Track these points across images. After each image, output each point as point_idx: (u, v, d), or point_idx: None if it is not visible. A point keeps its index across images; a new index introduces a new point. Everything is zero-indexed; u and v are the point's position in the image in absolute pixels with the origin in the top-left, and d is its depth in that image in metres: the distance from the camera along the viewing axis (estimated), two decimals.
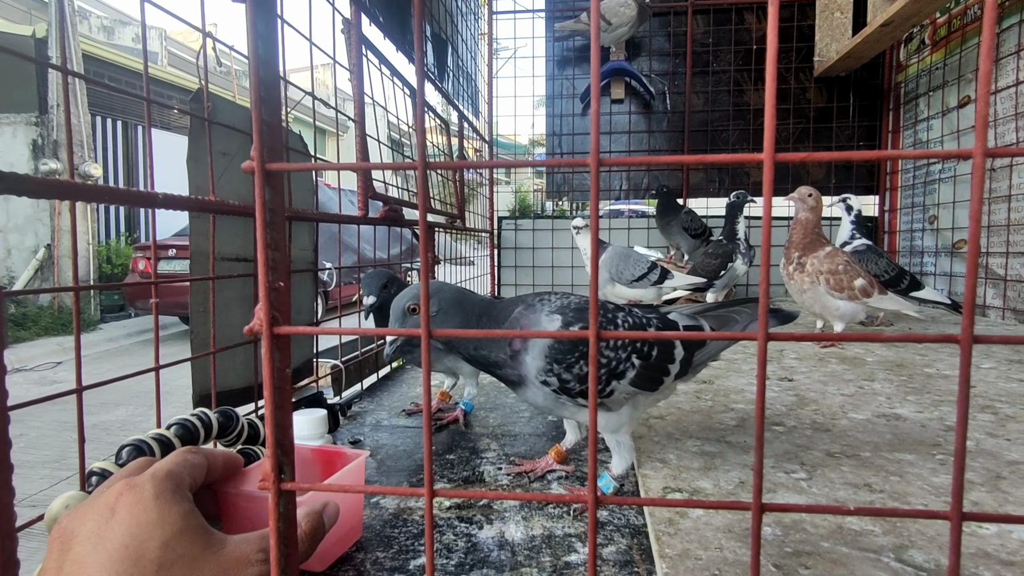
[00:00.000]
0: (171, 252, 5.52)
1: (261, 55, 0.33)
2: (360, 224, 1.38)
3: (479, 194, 3.67)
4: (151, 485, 0.40)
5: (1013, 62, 2.21)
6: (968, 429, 0.94)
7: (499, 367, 0.71)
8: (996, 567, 0.54)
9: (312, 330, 0.38)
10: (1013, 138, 2.22)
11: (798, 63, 3.16)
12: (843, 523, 0.63)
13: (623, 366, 0.70)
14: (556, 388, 0.68)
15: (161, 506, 0.39)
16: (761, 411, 0.30)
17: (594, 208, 0.31)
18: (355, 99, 1.29)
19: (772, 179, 0.30)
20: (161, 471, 0.42)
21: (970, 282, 0.29)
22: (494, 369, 0.72)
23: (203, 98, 0.82)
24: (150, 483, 0.40)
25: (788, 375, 1.35)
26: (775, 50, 0.28)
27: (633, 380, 0.71)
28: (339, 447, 0.71)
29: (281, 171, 0.35)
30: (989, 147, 0.27)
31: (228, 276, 0.89)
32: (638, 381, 0.71)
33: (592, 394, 0.31)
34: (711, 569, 0.55)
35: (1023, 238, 2.18)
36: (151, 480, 0.41)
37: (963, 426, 0.30)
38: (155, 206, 0.60)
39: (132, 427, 3.10)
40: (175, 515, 0.39)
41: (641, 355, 0.71)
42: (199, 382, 0.86)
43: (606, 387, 0.70)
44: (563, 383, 0.68)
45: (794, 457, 0.84)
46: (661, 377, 0.73)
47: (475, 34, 3.11)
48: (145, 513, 0.39)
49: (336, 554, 0.63)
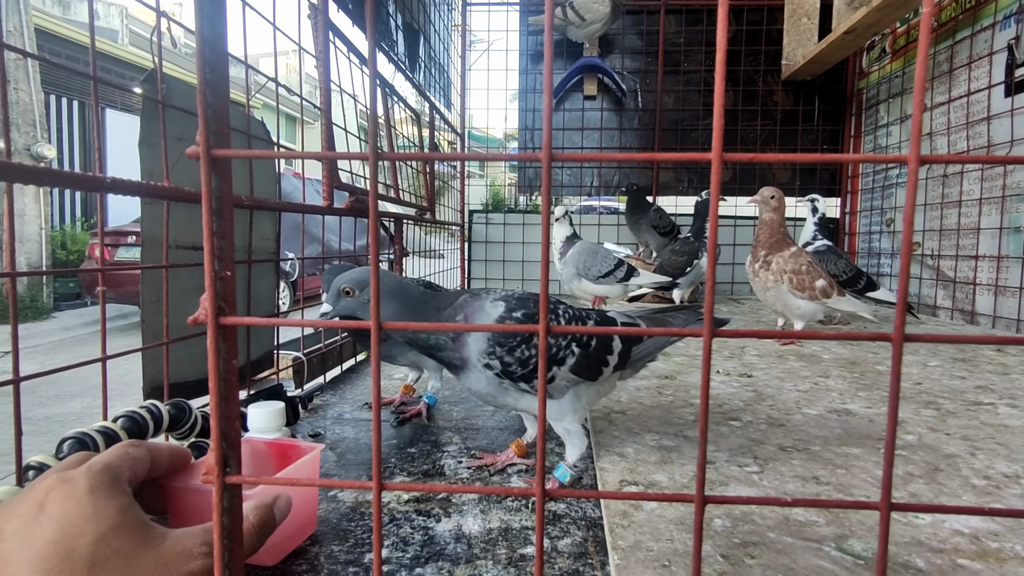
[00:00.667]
0: (130, 239, 5.33)
1: (207, 35, 0.33)
2: (325, 214, 1.36)
3: (451, 187, 3.65)
4: (85, 479, 0.39)
5: (965, 73, 2.29)
6: (912, 424, 0.98)
7: (440, 349, 0.72)
8: (927, 555, 0.57)
9: (262, 321, 0.37)
10: (964, 146, 2.31)
11: (766, 66, 3.23)
12: (789, 515, 0.65)
13: (563, 353, 0.73)
14: (498, 372, 0.70)
15: (96, 500, 0.38)
16: (705, 406, 0.31)
17: (545, 201, 0.31)
18: (321, 87, 1.26)
19: (720, 178, 0.31)
20: (97, 465, 0.41)
21: (903, 282, 0.30)
22: (435, 352, 0.73)
23: (157, 79, 0.80)
24: (84, 477, 0.39)
25: (748, 371, 1.38)
26: (724, 51, 0.29)
27: (573, 367, 0.73)
28: (294, 440, 0.70)
29: (228, 157, 0.34)
30: (924, 154, 0.28)
31: (182, 265, 0.87)
32: (578, 369, 0.74)
33: (542, 385, 0.31)
34: (661, 560, 0.56)
35: (971, 242, 2.28)
36: (86, 474, 0.39)
37: (893, 420, 0.31)
38: (102, 190, 0.58)
39: (88, 419, 2.98)
40: (110, 509, 0.38)
41: (580, 343, 0.74)
42: (150, 373, 0.84)
43: (547, 372, 0.71)
44: (505, 366, 0.70)
45: (748, 451, 0.86)
46: (600, 367, 0.76)
47: (448, 25, 3.08)
48: (77, 508, 0.38)
49: (289, 548, 0.62)
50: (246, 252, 1.07)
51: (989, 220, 2.20)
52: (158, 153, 0.78)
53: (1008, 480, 0.76)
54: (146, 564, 0.38)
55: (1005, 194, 2.12)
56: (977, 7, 2.23)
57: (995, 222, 2.17)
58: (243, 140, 1.02)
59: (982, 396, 1.16)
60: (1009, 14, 2.08)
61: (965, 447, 0.88)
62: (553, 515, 0.71)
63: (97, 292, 3.43)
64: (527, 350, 0.70)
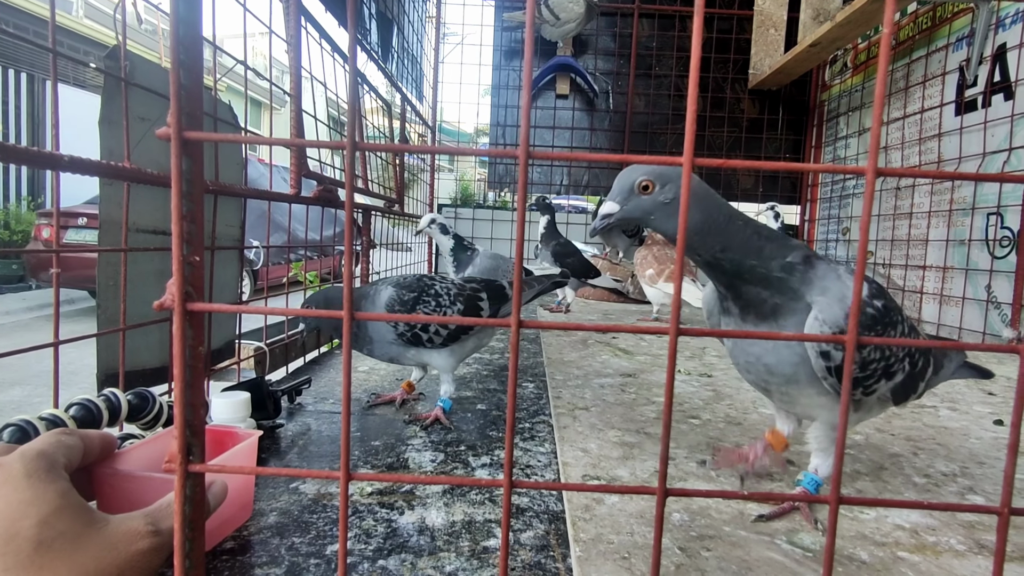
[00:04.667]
0: (81, 220, 5.09)
1: (182, 14, 0.32)
2: (292, 203, 1.33)
3: (420, 180, 3.62)
4: (20, 464, 0.38)
5: (919, 91, 2.40)
6: (861, 425, 1.02)
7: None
8: (871, 548, 0.60)
9: (229, 308, 0.36)
10: (917, 160, 2.42)
11: (734, 74, 3.31)
12: (744, 509, 0.67)
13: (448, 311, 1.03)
14: (408, 339, 1.00)
15: (34, 484, 0.38)
16: (669, 401, 0.32)
17: (522, 198, 0.32)
18: (292, 72, 1.24)
19: (690, 183, 0.32)
20: (31, 451, 0.40)
21: (857, 286, 0.32)
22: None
23: (120, 56, 0.77)
24: (19, 462, 0.39)
25: (708, 371, 1.42)
26: (698, 59, 0.30)
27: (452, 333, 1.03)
28: (232, 427, 0.69)
29: (200, 140, 0.33)
30: (881, 167, 0.29)
31: (142, 249, 0.84)
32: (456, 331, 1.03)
33: (510, 382, 0.32)
34: (622, 552, 0.58)
35: (920, 252, 2.39)
36: (20, 459, 0.39)
37: (844, 421, 0.33)
38: (59, 168, 0.56)
39: (29, 408, 2.85)
40: (51, 493, 0.38)
41: (460, 303, 1.05)
42: (105, 360, 0.81)
43: (434, 335, 1.01)
44: (408, 332, 0.99)
45: (706, 448, 0.89)
46: (466, 330, 1.04)
47: (422, 16, 3.05)
48: (16, 492, 0.37)
49: (224, 533, 0.62)
50: (209, 238, 1.04)
51: (937, 232, 2.31)
52: (119, 132, 0.75)
53: (946, 478, 0.80)
54: (94, 544, 0.37)
55: (952, 208, 2.23)
56: (933, 28, 2.34)
57: (942, 234, 2.28)
58: (210, 123, 0.99)
59: (926, 400, 1.22)
60: (962, 36, 2.19)
61: (908, 447, 0.92)
62: (517, 509, 0.71)
63: (42, 276, 3.30)
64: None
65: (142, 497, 0.49)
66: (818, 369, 0.59)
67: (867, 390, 0.62)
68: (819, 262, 0.61)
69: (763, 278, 0.59)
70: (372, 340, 1.01)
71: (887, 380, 0.64)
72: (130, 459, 0.56)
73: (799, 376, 0.62)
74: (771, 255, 0.59)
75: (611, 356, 1.56)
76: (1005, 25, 2.00)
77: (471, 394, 1.21)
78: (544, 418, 1.07)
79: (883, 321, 0.61)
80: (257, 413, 0.93)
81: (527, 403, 1.16)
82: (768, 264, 0.59)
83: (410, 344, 1.01)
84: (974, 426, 1.05)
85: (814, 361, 0.59)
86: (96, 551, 0.37)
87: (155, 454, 0.60)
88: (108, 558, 0.38)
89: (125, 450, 0.57)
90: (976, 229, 2.13)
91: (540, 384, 1.30)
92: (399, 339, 1.00)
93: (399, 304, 1.00)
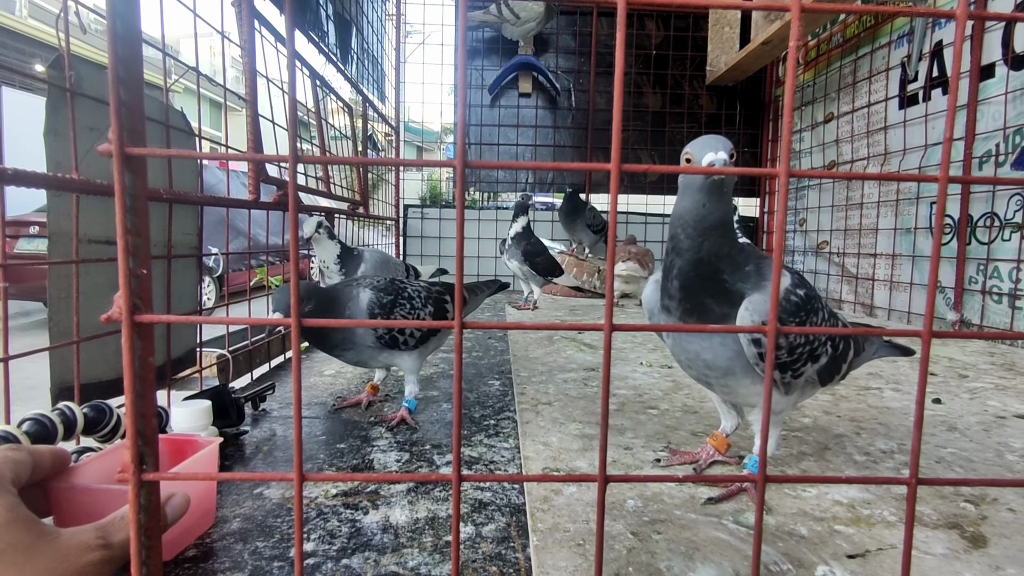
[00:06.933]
0: (32, 230, 4.90)
1: (119, 31, 0.32)
2: (251, 208, 1.32)
3: (385, 180, 3.60)
4: None
5: (866, 86, 2.50)
6: (810, 408, 1.07)
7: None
8: (810, 523, 0.64)
9: (179, 319, 0.37)
10: (865, 152, 2.52)
11: (692, 71, 3.38)
12: (695, 493, 0.70)
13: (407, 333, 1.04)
14: (385, 342, 1.01)
15: None
16: (606, 393, 0.34)
17: (460, 204, 0.34)
18: (246, 78, 1.23)
19: (618, 186, 0.34)
20: None
21: (776, 279, 0.35)
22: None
23: (64, 65, 0.76)
24: None
25: (668, 363, 1.46)
26: (623, 60, 0.32)
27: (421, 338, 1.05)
28: (191, 435, 0.70)
29: (143, 156, 0.34)
30: (793, 169, 0.32)
31: (93, 260, 0.83)
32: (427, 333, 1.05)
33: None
34: (577, 539, 0.60)
35: (871, 241, 2.49)
36: None
37: (767, 407, 0.35)
38: (2, 182, 0.55)
39: None
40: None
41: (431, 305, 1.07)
42: (58, 374, 0.80)
43: (409, 337, 1.03)
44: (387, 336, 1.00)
45: (662, 437, 0.92)
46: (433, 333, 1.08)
47: (382, 16, 3.03)
48: None
49: (186, 542, 0.62)
50: (165, 247, 1.03)
51: (885, 221, 2.42)
52: (66, 144, 0.74)
53: (884, 455, 0.85)
54: (45, 556, 0.38)
55: (899, 198, 2.33)
56: (876, 26, 2.44)
57: (891, 223, 2.38)
58: (161, 131, 0.98)
59: (872, 382, 1.29)
60: (903, 34, 2.29)
61: (852, 427, 0.97)
62: (480, 503, 0.73)
63: None
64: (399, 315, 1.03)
65: (99, 510, 0.49)
66: (751, 356, 0.64)
67: (795, 373, 0.68)
68: (764, 265, 0.66)
69: (724, 291, 0.64)
70: (353, 343, 1.01)
71: (813, 363, 0.69)
72: (86, 472, 0.56)
73: (735, 368, 0.66)
74: (740, 263, 0.65)
75: (575, 351, 1.59)
76: (941, 23, 2.10)
77: (436, 393, 1.23)
78: (509, 414, 1.09)
79: (806, 308, 0.66)
80: (220, 421, 0.92)
81: (492, 400, 1.18)
82: (733, 275, 0.65)
83: (386, 347, 1.02)
84: (914, 405, 1.11)
85: (746, 348, 0.64)
86: (46, 563, 0.38)
87: (111, 466, 0.60)
88: (58, 570, 0.38)
89: (81, 464, 0.57)
90: (921, 217, 2.23)
91: (506, 381, 1.32)
92: (378, 342, 1.01)
93: (379, 307, 1.01)
